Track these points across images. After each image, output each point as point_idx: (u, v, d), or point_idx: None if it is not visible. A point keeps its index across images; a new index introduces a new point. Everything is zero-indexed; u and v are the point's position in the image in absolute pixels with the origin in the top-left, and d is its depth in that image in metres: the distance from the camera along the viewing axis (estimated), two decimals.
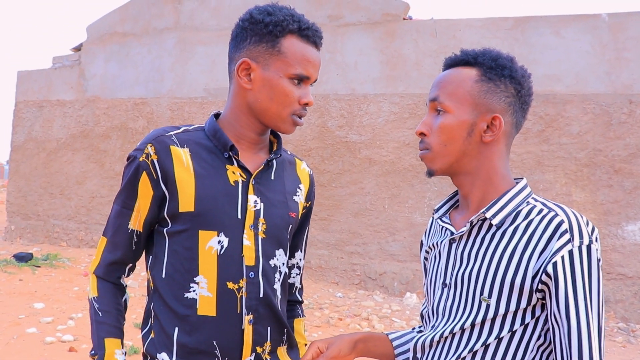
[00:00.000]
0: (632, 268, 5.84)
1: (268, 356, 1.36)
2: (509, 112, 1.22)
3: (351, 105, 7.15)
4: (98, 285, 1.36)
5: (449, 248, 1.27)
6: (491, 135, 1.21)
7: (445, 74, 1.26)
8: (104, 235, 1.39)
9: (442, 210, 1.35)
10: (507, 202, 1.19)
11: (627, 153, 5.95)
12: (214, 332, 1.29)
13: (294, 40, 1.30)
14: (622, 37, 6.02)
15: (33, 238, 9.30)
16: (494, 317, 1.16)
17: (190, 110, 8.16)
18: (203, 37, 8.15)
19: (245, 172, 1.35)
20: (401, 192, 6.83)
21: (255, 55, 1.30)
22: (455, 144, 1.21)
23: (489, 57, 1.23)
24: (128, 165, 1.34)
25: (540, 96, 6.22)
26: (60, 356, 4.00)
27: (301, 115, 1.34)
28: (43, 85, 9.42)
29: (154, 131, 1.35)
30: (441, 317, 1.25)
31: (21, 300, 5.47)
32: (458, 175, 1.26)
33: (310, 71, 1.31)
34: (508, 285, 1.14)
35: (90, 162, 8.90)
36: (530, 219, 1.15)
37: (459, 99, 1.21)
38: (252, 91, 1.31)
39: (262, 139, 1.41)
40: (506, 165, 1.25)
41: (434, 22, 6.84)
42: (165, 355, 1.30)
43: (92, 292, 1.37)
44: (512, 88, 1.22)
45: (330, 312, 5.80)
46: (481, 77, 1.21)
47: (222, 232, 1.30)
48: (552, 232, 1.10)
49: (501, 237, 1.18)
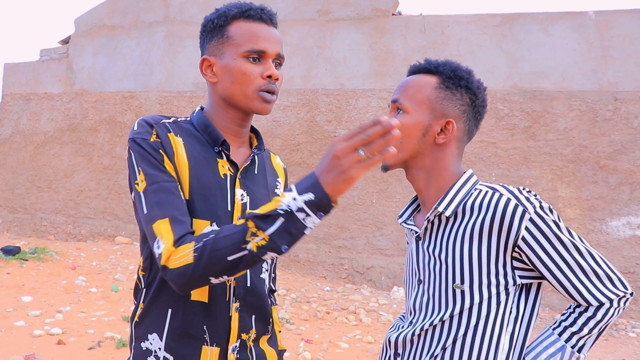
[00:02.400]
0: (616, 263, 5.92)
1: (252, 343, 1.40)
2: (462, 119, 1.34)
3: (340, 100, 7.17)
4: (191, 245, 1.15)
5: (417, 246, 1.37)
6: (444, 138, 1.33)
7: (409, 79, 1.38)
8: (159, 219, 1.20)
9: (405, 214, 1.47)
10: (455, 193, 1.30)
11: (611, 150, 6.03)
12: (205, 317, 1.32)
13: (240, 24, 1.35)
14: (608, 34, 6.08)
15: (20, 231, 9.25)
16: (470, 305, 1.23)
17: (179, 104, 8.15)
18: (192, 30, 8.13)
19: (233, 167, 1.38)
20: (389, 187, 6.87)
21: (212, 50, 1.37)
22: (410, 142, 1.33)
23: (449, 67, 1.35)
24: (139, 146, 1.28)
25: (527, 92, 6.28)
26: (49, 349, 4.00)
27: (269, 90, 1.34)
28: (30, 78, 9.35)
29: (149, 117, 1.35)
30: (418, 312, 1.33)
31: (9, 293, 5.45)
32: (412, 169, 1.37)
33: (262, 45, 1.33)
34: (476, 266, 1.23)
35: (78, 156, 8.86)
36: (480, 203, 1.25)
37: (417, 102, 1.34)
38: (219, 82, 1.37)
39: (244, 132, 1.44)
40: (457, 164, 1.37)
41: (422, 18, 6.87)
42: (156, 335, 1.32)
43: (190, 255, 1.14)
44: (468, 98, 1.34)
45: (318, 305, 5.84)
46: (440, 85, 1.34)
47: (214, 222, 1.32)
48: (504, 210, 1.21)
49: (459, 225, 1.28)
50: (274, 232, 1.09)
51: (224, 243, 1.12)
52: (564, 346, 1.22)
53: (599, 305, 1.20)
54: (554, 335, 1.24)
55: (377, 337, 4.90)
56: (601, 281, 1.21)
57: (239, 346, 1.36)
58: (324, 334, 4.88)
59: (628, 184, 5.96)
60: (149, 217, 1.21)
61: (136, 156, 1.27)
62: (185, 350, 1.31)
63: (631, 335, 5.36)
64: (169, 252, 1.15)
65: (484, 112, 1.39)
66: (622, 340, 5.26)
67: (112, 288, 5.83)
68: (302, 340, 4.60)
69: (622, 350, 4.95)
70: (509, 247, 1.21)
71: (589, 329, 1.21)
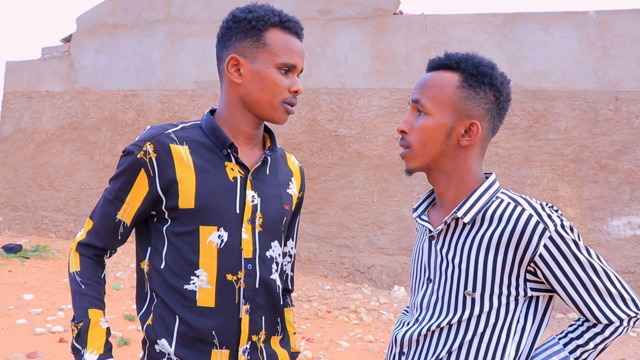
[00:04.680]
0: (617, 262, 5.93)
1: (262, 344, 1.40)
2: (486, 118, 1.28)
3: (341, 100, 7.18)
4: (80, 260, 1.40)
5: (430, 245, 1.34)
6: (468, 140, 1.27)
7: (429, 77, 1.31)
8: (91, 218, 1.42)
9: (420, 208, 1.42)
10: (476, 199, 1.26)
11: (612, 149, 6.04)
12: (212, 322, 1.33)
13: (277, 32, 1.36)
14: (609, 34, 6.09)
15: (22, 229, 9.26)
16: (480, 312, 1.22)
17: (180, 103, 8.15)
18: (194, 29, 8.13)
19: (243, 169, 1.39)
20: (390, 186, 6.88)
21: (242, 50, 1.36)
22: (433, 145, 1.28)
23: (472, 63, 1.28)
24: (125, 158, 1.35)
25: (529, 92, 6.28)
26: (50, 347, 4.02)
27: (292, 103, 1.38)
28: (32, 76, 9.36)
29: (152, 128, 1.37)
30: (425, 310, 1.31)
31: (10, 291, 5.47)
32: (433, 172, 1.32)
33: (295, 60, 1.37)
34: (490, 276, 1.21)
35: (79, 154, 8.87)
36: (501, 214, 1.22)
37: (440, 102, 1.27)
38: (243, 85, 1.36)
39: (257, 134, 1.45)
40: (479, 166, 1.32)
41: (424, 17, 6.88)
42: (165, 341, 1.34)
43: (74, 266, 1.40)
44: (492, 95, 1.28)
45: (319, 304, 5.85)
46: (462, 83, 1.27)
47: (221, 226, 1.33)
48: (525, 225, 1.17)
49: (476, 233, 1.24)
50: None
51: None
52: (567, 357, 1.22)
53: (609, 323, 1.20)
54: (558, 345, 1.24)
55: (378, 336, 4.91)
56: (614, 301, 1.20)
57: (249, 347, 1.37)
58: (324, 333, 4.90)
59: (629, 183, 5.97)
60: (92, 210, 1.44)
61: (120, 163, 1.37)
62: (195, 355, 1.33)
63: (631, 335, 5.37)
64: (74, 246, 1.42)
65: (508, 107, 1.33)
66: (622, 339, 5.27)
67: (114, 286, 5.84)
68: (303, 339, 4.61)
69: (623, 350, 4.95)
70: (524, 262, 1.19)
71: (595, 344, 1.22)
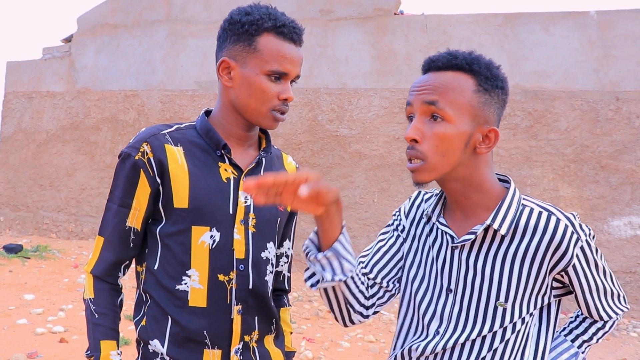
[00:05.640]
0: (618, 262, 5.93)
1: (255, 344, 1.41)
2: (497, 122, 1.22)
3: (342, 100, 7.18)
4: (95, 285, 1.36)
5: (452, 254, 1.26)
6: (487, 148, 1.19)
7: (445, 80, 1.18)
8: (100, 235, 1.38)
9: (436, 211, 1.32)
10: (507, 209, 1.20)
11: (613, 149, 6.03)
12: (204, 322, 1.33)
13: (270, 38, 1.32)
14: (610, 34, 6.08)
15: (22, 229, 9.27)
16: (510, 321, 1.21)
17: (181, 103, 8.15)
18: (194, 29, 8.13)
19: (236, 169, 1.39)
20: (390, 186, 6.88)
21: (234, 54, 1.34)
22: (453, 155, 1.17)
23: (484, 65, 1.19)
24: (122, 163, 1.35)
25: (529, 92, 6.28)
26: (51, 347, 4.02)
27: (281, 110, 1.36)
28: (33, 76, 9.36)
29: (147, 129, 1.37)
30: (447, 322, 1.24)
31: (11, 291, 5.47)
32: (448, 183, 1.23)
33: (287, 67, 1.33)
34: (523, 286, 1.19)
35: (80, 154, 8.87)
36: (535, 224, 1.19)
37: (460, 108, 1.16)
38: (233, 89, 1.36)
39: (251, 136, 1.44)
40: (493, 172, 1.26)
41: (424, 17, 6.87)
42: (157, 342, 1.34)
43: (89, 293, 1.36)
44: (502, 98, 1.22)
45: (319, 304, 5.85)
46: (478, 87, 1.17)
47: (214, 227, 1.34)
48: (562, 235, 1.17)
49: (509, 243, 1.20)
50: None
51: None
52: (577, 352, 1.33)
53: (609, 319, 1.32)
54: (567, 342, 1.34)
55: (379, 336, 4.91)
56: (613, 299, 1.30)
57: (241, 347, 1.37)
58: (325, 333, 4.89)
59: (629, 183, 5.96)
60: (99, 227, 1.40)
61: (119, 169, 1.37)
62: (187, 355, 1.33)
63: (632, 335, 5.37)
64: (88, 269, 1.39)
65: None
66: (623, 339, 5.26)
67: None
68: (303, 339, 4.61)
69: (624, 350, 4.95)
70: (555, 270, 1.18)
71: (598, 338, 1.35)
